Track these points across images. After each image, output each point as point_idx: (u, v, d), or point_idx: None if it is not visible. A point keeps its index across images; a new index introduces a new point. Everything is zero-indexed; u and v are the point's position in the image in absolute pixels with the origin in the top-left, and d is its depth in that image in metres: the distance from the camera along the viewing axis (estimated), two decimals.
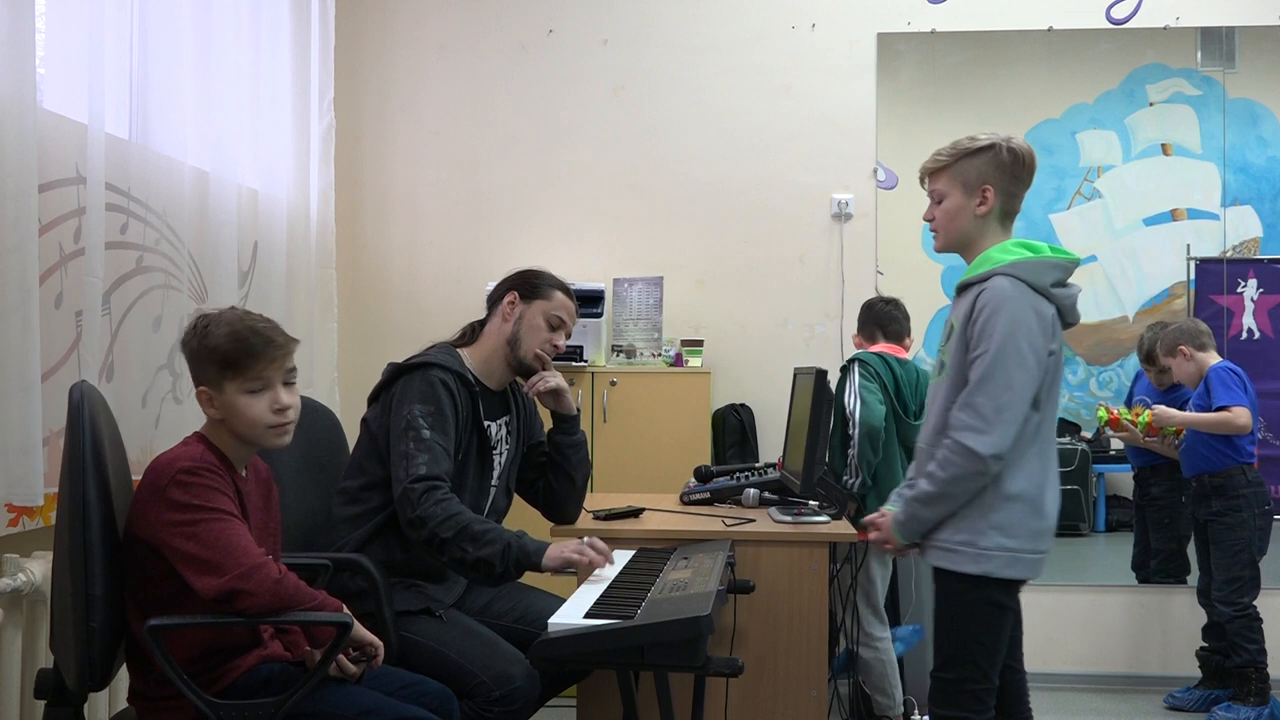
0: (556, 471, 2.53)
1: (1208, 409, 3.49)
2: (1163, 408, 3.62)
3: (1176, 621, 3.89)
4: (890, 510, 2.17)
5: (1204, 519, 3.58)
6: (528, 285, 2.48)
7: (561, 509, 2.54)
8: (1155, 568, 3.94)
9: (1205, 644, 3.68)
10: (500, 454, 2.47)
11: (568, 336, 2.53)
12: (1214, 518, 3.53)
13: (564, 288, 2.51)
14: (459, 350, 2.45)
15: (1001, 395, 1.95)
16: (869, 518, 2.22)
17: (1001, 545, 1.99)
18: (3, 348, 2.05)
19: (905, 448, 3.19)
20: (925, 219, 2.20)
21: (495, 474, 2.45)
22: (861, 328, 3.41)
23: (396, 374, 2.34)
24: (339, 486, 2.36)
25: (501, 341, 2.44)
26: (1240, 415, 3.43)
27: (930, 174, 2.19)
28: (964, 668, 2.03)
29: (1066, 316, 2.07)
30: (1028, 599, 2.13)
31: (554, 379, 2.47)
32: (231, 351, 1.79)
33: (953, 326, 2.10)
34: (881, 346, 3.29)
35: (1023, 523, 2.00)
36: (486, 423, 2.39)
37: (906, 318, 3.37)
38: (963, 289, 2.11)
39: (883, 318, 3.35)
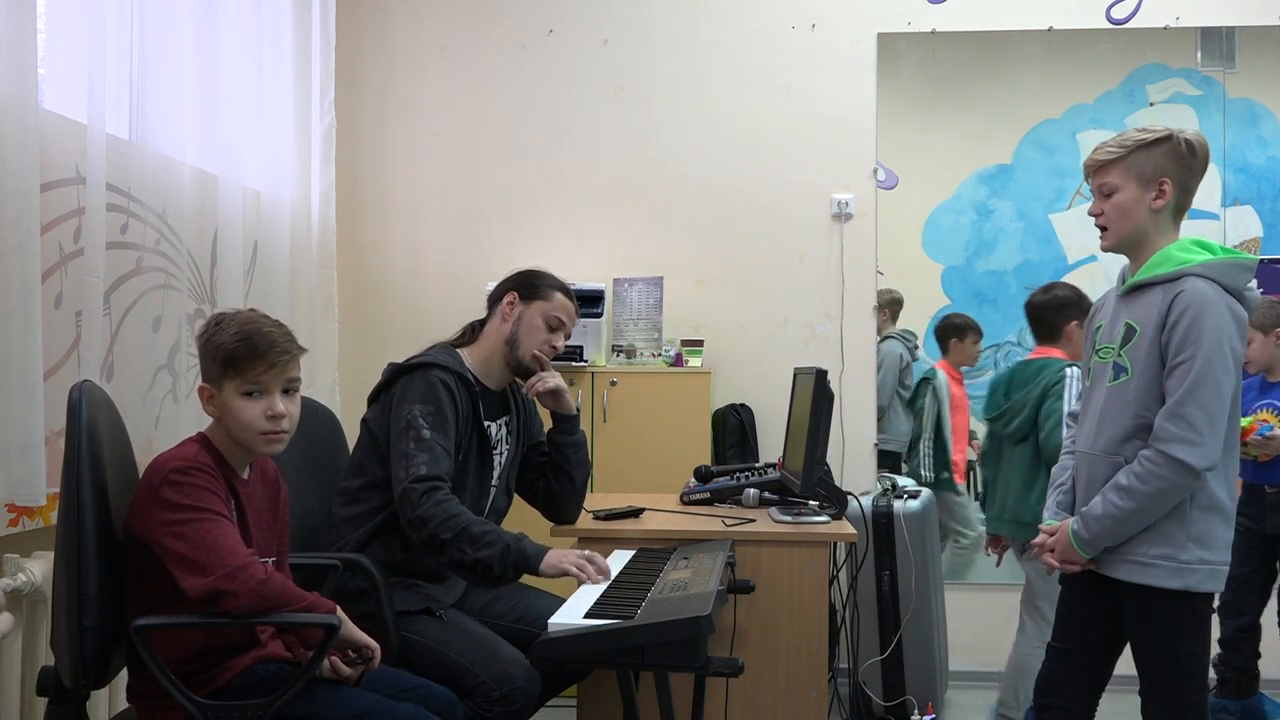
0: (556, 471, 2.53)
1: None
2: None
3: None
4: (1056, 524, 2.08)
5: None
6: (528, 286, 2.48)
7: (561, 509, 2.54)
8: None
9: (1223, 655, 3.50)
10: (500, 454, 2.47)
11: (567, 337, 2.53)
12: None
13: (564, 289, 2.51)
14: (459, 350, 2.45)
15: (1212, 404, 1.88)
16: (1037, 539, 2.15)
17: (1202, 559, 1.93)
18: (4, 347, 2.05)
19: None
20: (1091, 214, 2.09)
21: (495, 474, 2.45)
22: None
23: (396, 374, 2.34)
24: (339, 486, 2.36)
25: (500, 342, 2.45)
26: None
27: (1099, 167, 2.06)
28: (1181, 680, 1.98)
29: (1249, 319, 2.01)
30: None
31: (553, 379, 2.47)
32: (235, 351, 1.78)
33: (1132, 328, 2.00)
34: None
35: (1221, 534, 1.95)
36: (486, 423, 2.39)
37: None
38: (1140, 287, 2.02)
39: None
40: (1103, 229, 2.08)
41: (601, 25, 4.13)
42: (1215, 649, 3.63)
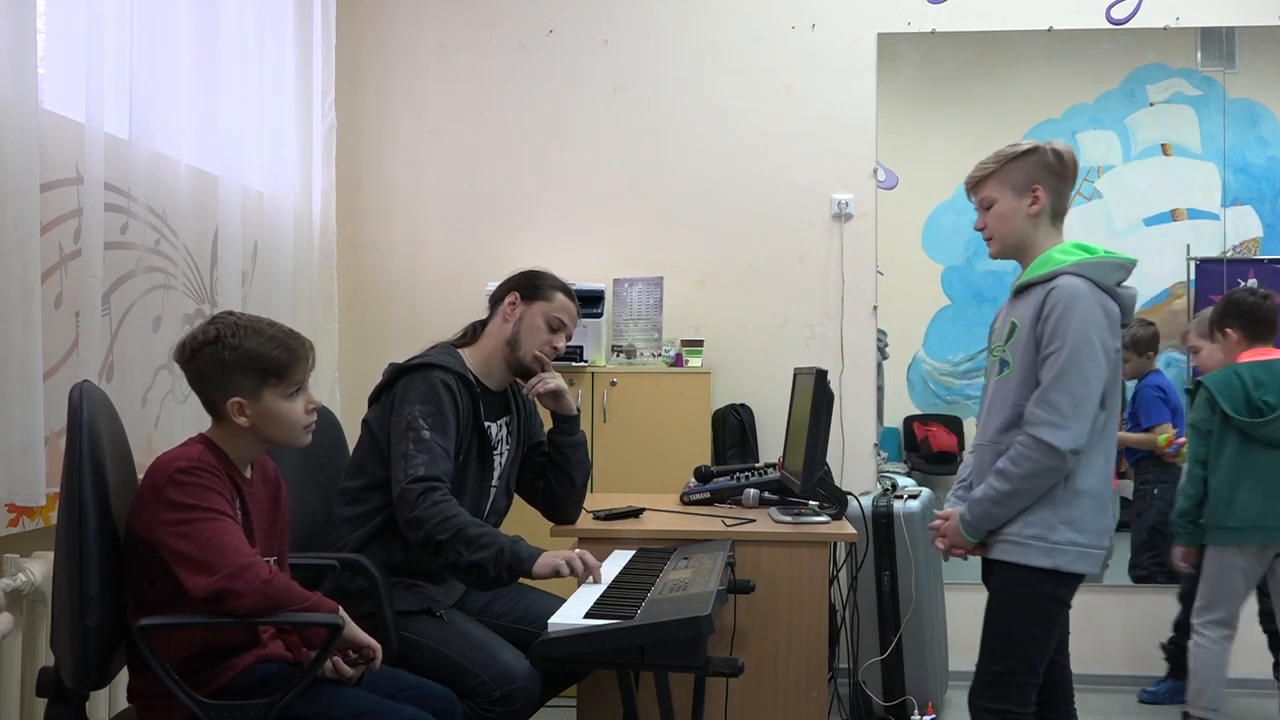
0: (557, 471, 2.53)
1: None
2: None
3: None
4: (952, 511, 2.19)
5: None
6: (529, 286, 2.48)
7: (562, 509, 2.54)
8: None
9: (1174, 637, 3.69)
10: (500, 454, 2.47)
11: (568, 339, 2.53)
12: None
13: (566, 289, 2.51)
14: (459, 350, 2.45)
15: (1078, 390, 1.99)
16: (933, 524, 2.25)
17: (1072, 540, 2.03)
18: (4, 347, 2.05)
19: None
20: (977, 228, 2.23)
21: (495, 475, 2.45)
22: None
23: (397, 374, 2.34)
24: (340, 487, 2.36)
25: (501, 342, 2.45)
26: None
27: (977, 182, 2.21)
28: (1013, 660, 2.06)
29: (1125, 316, 2.11)
30: None
31: (554, 380, 2.48)
32: (276, 358, 1.80)
33: (1015, 325, 2.12)
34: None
35: (1091, 519, 2.04)
36: (487, 423, 2.39)
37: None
38: (1023, 289, 2.14)
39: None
40: (988, 239, 2.22)
41: (601, 25, 4.13)
42: (1171, 631, 3.72)
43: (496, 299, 2.51)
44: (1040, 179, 2.14)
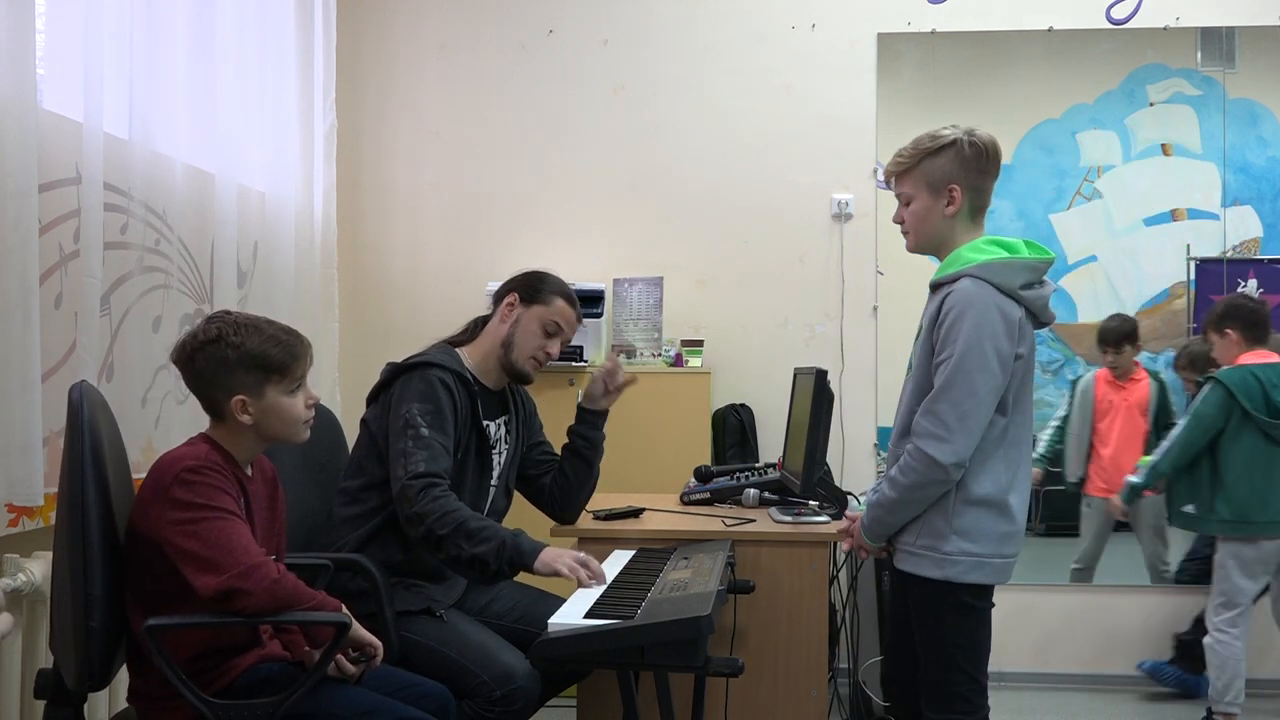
0: (580, 465, 2.51)
1: None
2: None
3: (1175, 621, 3.89)
4: (859, 513, 2.17)
5: None
6: (530, 288, 2.46)
7: (572, 505, 2.53)
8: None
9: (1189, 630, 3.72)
10: (499, 453, 2.47)
11: (565, 344, 2.50)
12: None
13: (567, 294, 2.49)
14: (458, 349, 2.45)
15: (964, 403, 1.92)
16: (841, 525, 2.24)
17: (965, 550, 1.97)
18: (3, 347, 2.05)
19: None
20: (895, 221, 2.14)
21: (495, 474, 2.45)
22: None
23: (395, 374, 2.34)
24: (339, 487, 2.36)
25: (497, 342, 2.44)
26: None
27: (895, 177, 2.11)
28: (946, 670, 2.01)
29: (1040, 317, 2.03)
30: (1025, 599, 2.13)
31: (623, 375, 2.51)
32: (277, 356, 1.81)
33: (921, 327, 2.08)
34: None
35: (987, 527, 1.98)
36: (485, 422, 2.39)
37: None
38: (934, 288, 2.07)
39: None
40: (905, 234, 2.13)
41: (601, 25, 4.12)
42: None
43: (498, 298, 2.51)
44: (957, 177, 2.02)
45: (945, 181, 2.03)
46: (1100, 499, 3.92)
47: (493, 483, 2.45)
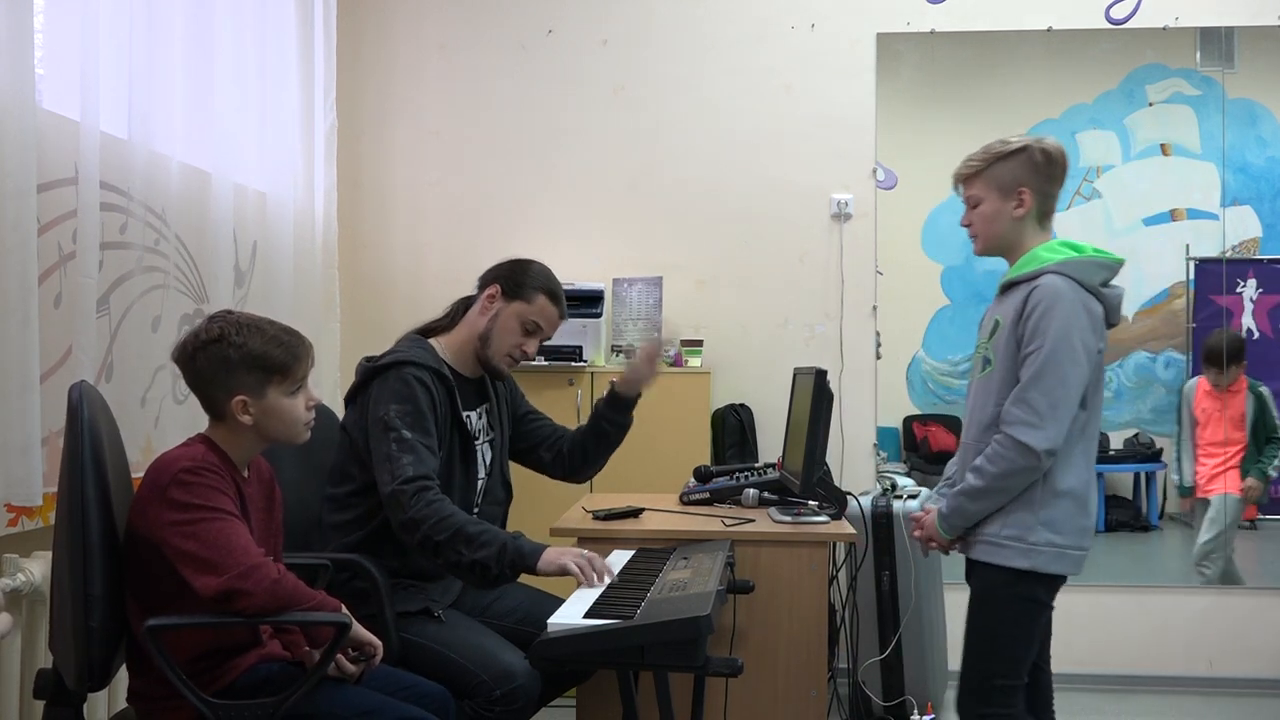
0: (602, 443, 2.57)
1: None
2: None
3: (1177, 621, 3.89)
4: (932, 507, 2.19)
5: None
6: (513, 282, 2.40)
7: (585, 474, 2.61)
8: None
9: None
10: (482, 444, 2.43)
11: (545, 340, 2.47)
12: None
13: (551, 290, 2.42)
14: (433, 339, 2.40)
15: (1056, 391, 1.98)
16: (913, 514, 2.26)
17: (1050, 541, 2.02)
18: (2, 348, 2.05)
19: None
20: (963, 224, 2.21)
21: (484, 466, 2.42)
22: None
23: (370, 374, 2.29)
24: (326, 494, 2.33)
25: (475, 334, 2.39)
26: None
27: (964, 179, 2.19)
28: (995, 662, 2.05)
29: (1111, 316, 2.09)
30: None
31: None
32: (278, 356, 1.81)
33: (998, 323, 2.11)
34: None
35: (1070, 519, 2.03)
36: (465, 414, 2.35)
37: None
38: (1008, 287, 2.13)
39: None
40: (973, 237, 2.21)
41: (601, 25, 4.12)
42: None
43: (482, 284, 2.45)
44: (1027, 181, 2.12)
45: (1015, 185, 2.12)
46: (1218, 497, 3.94)
47: (481, 476, 2.41)
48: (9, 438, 2.06)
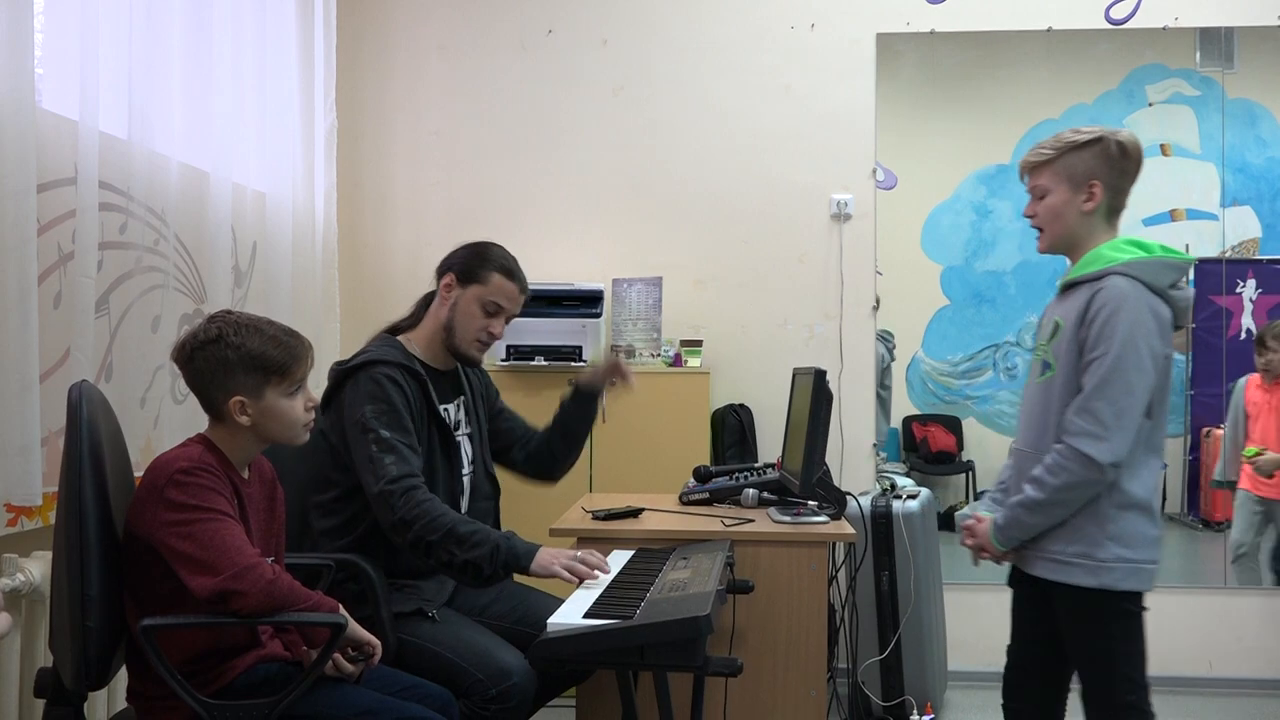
0: (570, 439, 2.57)
1: None
2: None
3: (1177, 622, 3.89)
4: (985, 515, 2.10)
5: None
6: (466, 267, 2.38)
7: (557, 474, 2.61)
8: None
9: None
10: (461, 436, 2.42)
11: (509, 320, 2.44)
12: None
13: (506, 268, 2.39)
14: (401, 338, 2.39)
15: (1121, 400, 1.88)
16: (965, 522, 2.15)
17: (1120, 556, 1.92)
18: (2, 347, 2.05)
19: None
20: (1026, 214, 2.11)
21: (466, 459, 2.41)
22: None
23: (341, 378, 2.27)
24: (311, 501, 2.32)
25: (439, 326, 2.38)
26: None
27: (1032, 168, 2.07)
28: (1112, 680, 1.96)
29: (1180, 319, 1.98)
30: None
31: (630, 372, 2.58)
32: (277, 357, 1.81)
33: (1058, 325, 2.02)
34: None
35: (1141, 532, 1.94)
36: (443, 406, 2.35)
37: None
38: (1070, 286, 2.04)
39: None
40: (1038, 230, 2.10)
41: (601, 25, 4.13)
42: None
43: (439, 274, 2.43)
44: (1099, 174, 2.00)
45: (1087, 177, 2.01)
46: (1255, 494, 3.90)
47: (465, 470, 2.40)
48: (9, 437, 2.06)
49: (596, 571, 2.10)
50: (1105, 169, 2.01)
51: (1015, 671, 2.21)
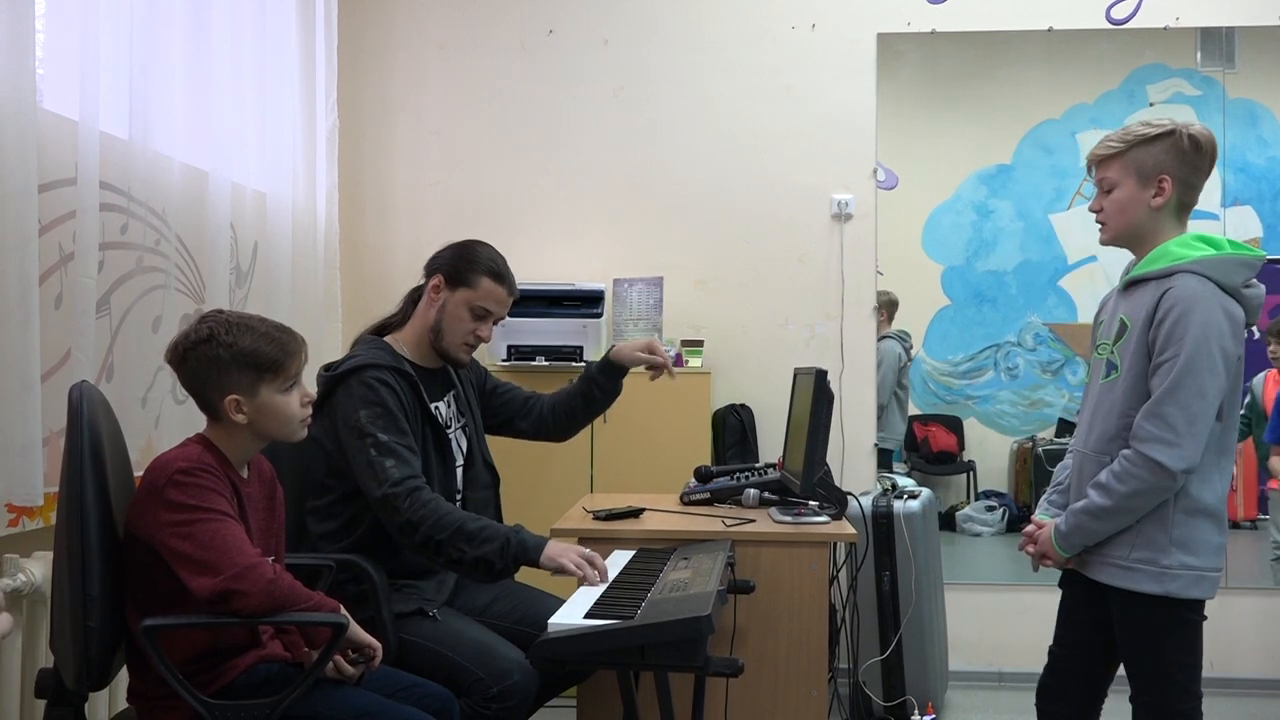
0: (591, 407, 2.62)
1: None
2: None
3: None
4: (1045, 520, 2.06)
5: None
6: (454, 269, 2.37)
7: (570, 433, 2.64)
8: None
9: None
10: (454, 431, 2.42)
11: (498, 322, 2.44)
12: None
13: (494, 271, 2.38)
14: (389, 339, 2.39)
15: (1193, 405, 1.83)
16: (1026, 529, 2.12)
17: (1185, 564, 1.88)
18: (3, 348, 2.05)
19: None
20: (1091, 209, 2.05)
21: (460, 454, 2.41)
22: None
23: (332, 384, 2.26)
24: (308, 506, 2.31)
25: (426, 327, 2.38)
26: None
27: (1100, 161, 2.01)
28: (1167, 689, 1.93)
29: (1251, 318, 1.92)
30: (1031, 597, 2.10)
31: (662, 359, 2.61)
32: (270, 354, 1.80)
33: (1124, 324, 1.97)
34: None
35: (1207, 539, 1.90)
36: (434, 405, 2.35)
37: None
38: (1136, 283, 1.98)
39: None
40: (1102, 224, 2.04)
41: (601, 25, 4.13)
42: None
43: (427, 274, 2.42)
44: (1170, 169, 1.93)
45: (1157, 171, 1.95)
46: None
47: (459, 463, 2.40)
48: (9, 438, 2.06)
49: (600, 575, 2.10)
50: (1176, 163, 1.94)
51: (1057, 675, 2.17)
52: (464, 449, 2.45)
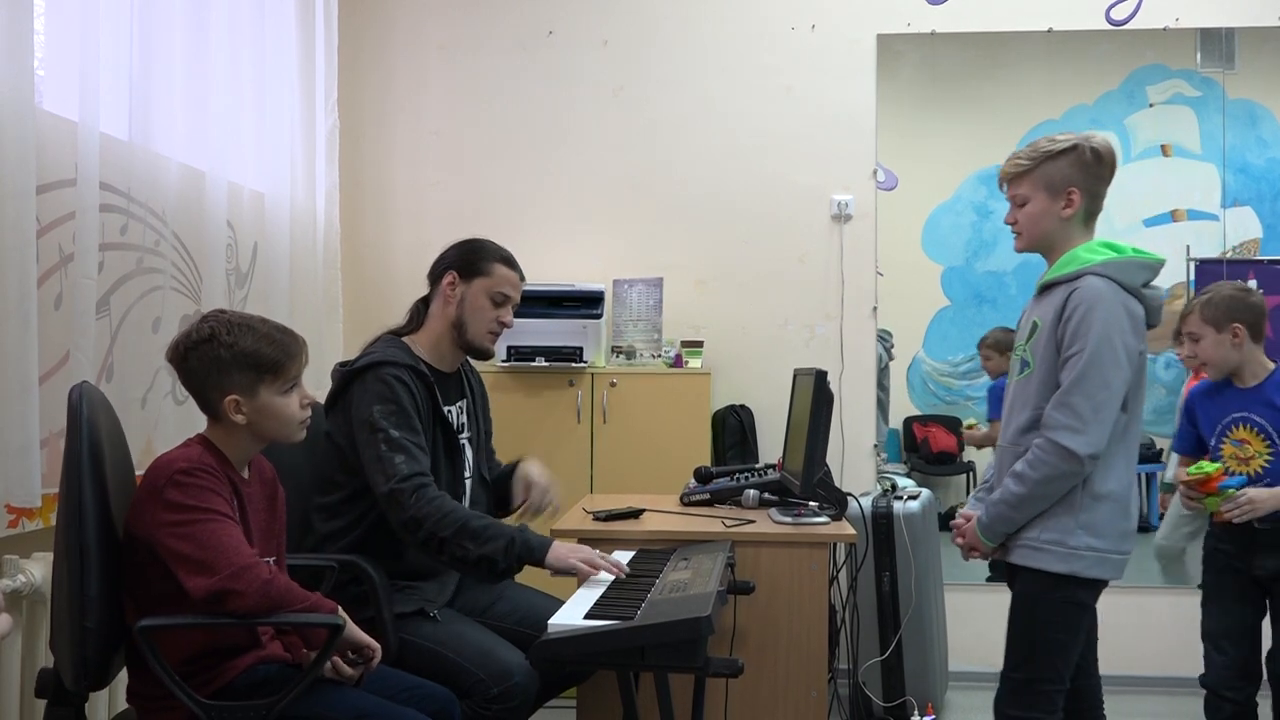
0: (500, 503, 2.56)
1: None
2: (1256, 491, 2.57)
3: (1177, 622, 3.89)
4: (973, 513, 2.17)
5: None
6: (466, 263, 2.39)
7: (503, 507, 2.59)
8: None
9: None
10: (464, 439, 2.42)
11: (515, 308, 2.46)
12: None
13: (505, 258, 2.43)
14: (406, 339, 2.39)
15: (1098, 394, 1.96)
16: (954, 521, 2.23)
17: (1090, 545, 2.00)
18: (2, 349, 2.05)
19: None
20: (1007, 222, 2.19)
21: (467, 464, 2.41)
22: None
23: (348, 379, 2.27)
24: (314, 503, 2.31)
25: (448, 325, 2.38)
26: None
27: (1011, 178, 2.16)
28: (1037, 667, 2.04)
29: (1152, 318, 2.06)
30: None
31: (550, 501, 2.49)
32: (270, 355, 1.80)
33: (1036, 324, 2.10)
34: None
35: (1111, 523, 2.02)
36: (447, 408, 2.35)
37: None
38: (1047, 287, 2.11)
39: None
40: (1017, 234, 2.18)
41: (601, 26, 4.13)
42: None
43: (435, 276, 2.43)
44: (1076, 181, 2.09)
45: (1065, 184, 2.09)
46: None
47: (467, 474, 2.40)
48: (9, 438, 2.06)
49: (616, 568, 2.10)
50: (1082, 175, 2.09)
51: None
52: (470, 459, 2.45)
